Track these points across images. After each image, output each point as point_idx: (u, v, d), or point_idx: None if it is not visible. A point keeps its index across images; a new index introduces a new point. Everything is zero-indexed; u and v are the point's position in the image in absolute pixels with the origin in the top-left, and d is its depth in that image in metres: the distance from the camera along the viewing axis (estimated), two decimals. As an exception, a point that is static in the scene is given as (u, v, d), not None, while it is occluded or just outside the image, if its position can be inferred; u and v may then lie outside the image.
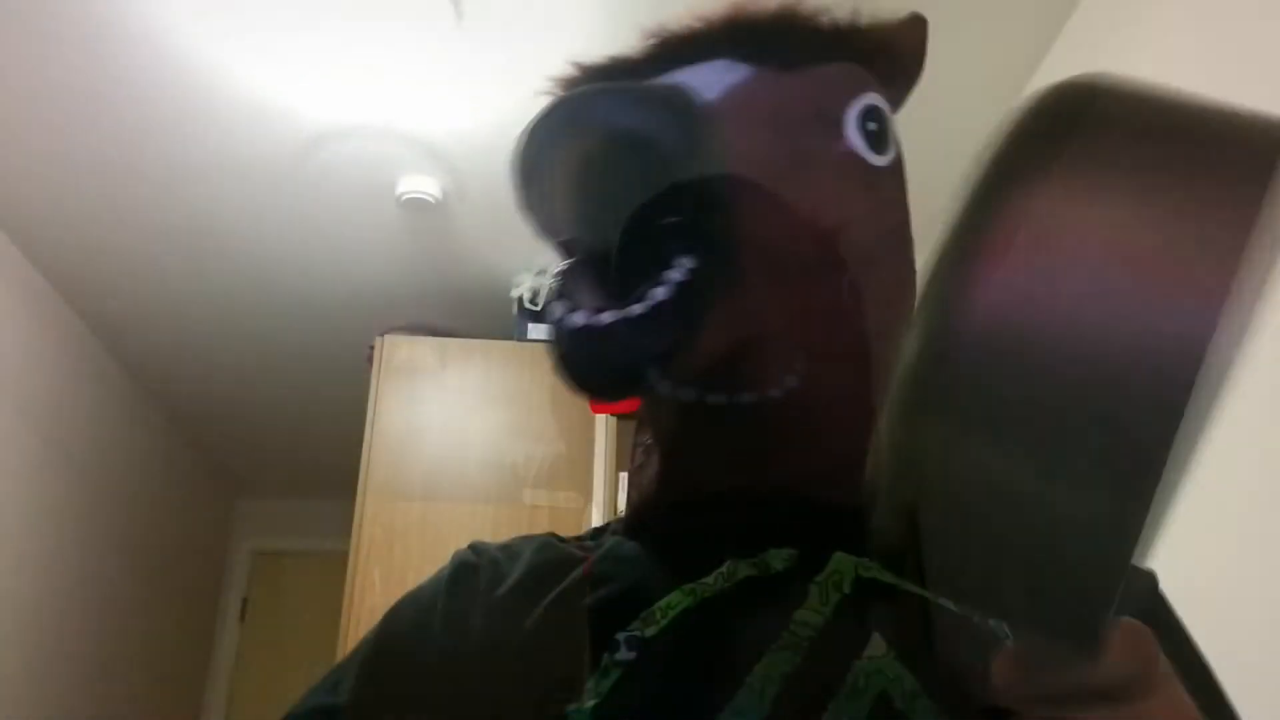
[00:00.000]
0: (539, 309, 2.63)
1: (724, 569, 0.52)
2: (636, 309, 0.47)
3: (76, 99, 2.12)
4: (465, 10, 1.89)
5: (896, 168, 0.59)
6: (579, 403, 2.43)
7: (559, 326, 0.48)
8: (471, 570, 0.58)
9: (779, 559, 0.52)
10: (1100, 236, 0.27)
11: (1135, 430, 0.26)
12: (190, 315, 2.99)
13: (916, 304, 0.30)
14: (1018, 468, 0.28)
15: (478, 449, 2.43)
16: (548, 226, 0.52)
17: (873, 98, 0.57)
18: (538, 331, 2.63)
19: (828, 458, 0.53)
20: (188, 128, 2.20)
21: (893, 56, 0.60)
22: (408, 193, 2.39)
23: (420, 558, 2.27)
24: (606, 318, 0.47)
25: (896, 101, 0.63)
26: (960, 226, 0.29)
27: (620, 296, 0.48)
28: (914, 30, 0.61)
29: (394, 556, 2.28)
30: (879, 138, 0.57)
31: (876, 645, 0.48)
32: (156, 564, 3.66)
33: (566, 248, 0.51)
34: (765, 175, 0.52)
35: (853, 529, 0.54)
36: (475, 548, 0.60)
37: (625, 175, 0.53)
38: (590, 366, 0.48)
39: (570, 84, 0.60)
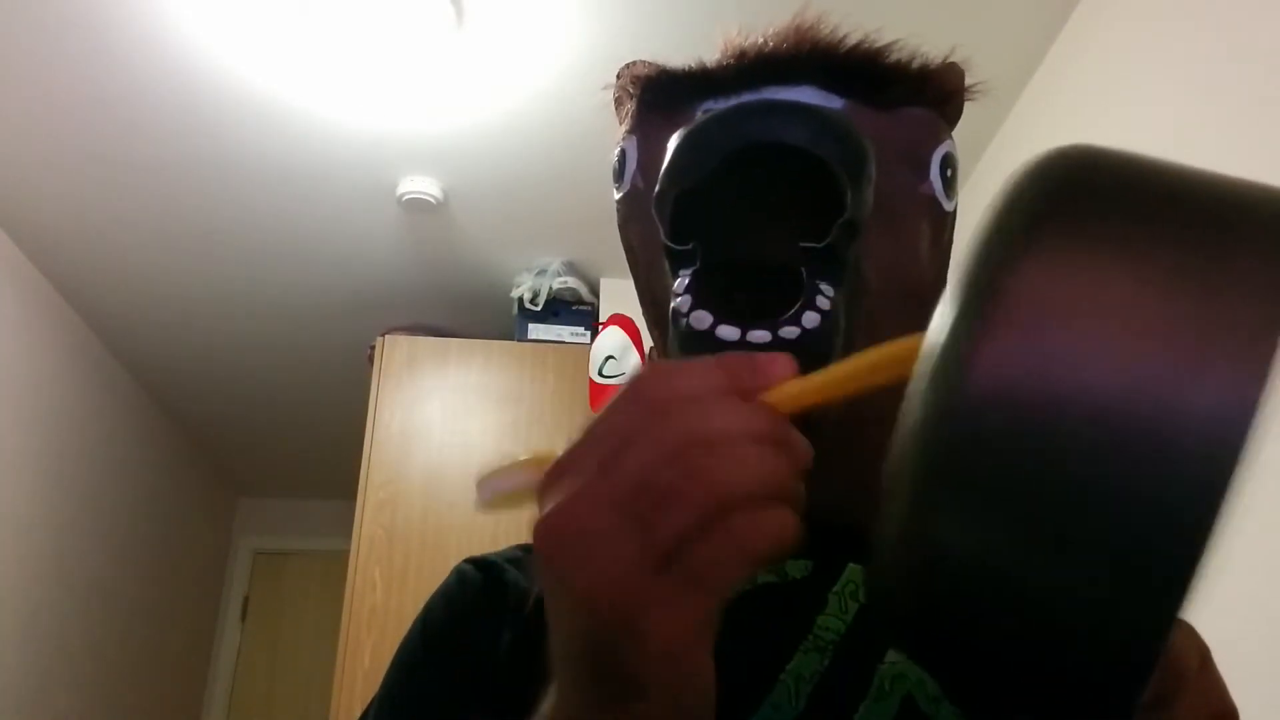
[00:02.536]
0: (539, 309, 2.63)
1: None
2: (791, 332, 0.48)
3: (78, 99, 2.12)
4: (465, 10, 1.89)
5: (955, 218, 0.61)
6: (579, 403, 2.43)
7: (703, 336, 0.49)
8: (484, 589, 0.58)
9: (796, 568, 0.53)
10: (1108, 306, 0.26)
11: (1173, 512, 0.24)
12: (191, 315, 3.00)
13: (919, 367, 0.29)
14: (1024, 548, 0.26)
15: (478, 449, 2.44)
16: (676, 230, 0.51)
17: (950, 144, 0.58)
18: (538, 331, 2.63)
19: (858, 481, 0.54)
20: (189, 128, 2.21)
21: (957, 105, 0.62)
22: (408, 193, 2.39)
23: (420, 558, 2.27)
24: (761, 336, 0.48)
25: None
26: (963, 291, 0.28)
27: (755, 313, 0.49)
28: (960, 79, 0.62)
29: (394, 556, 2.29)
30: (951, 185, 0.58)
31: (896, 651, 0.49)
32: (157, 564, 3.66)
33: (687, 255, 0.51)
34: (875, 209, 0.52)
35: (866, 544, 0.55)
36: (480, 565, 0.60)
37: (778, 192, 0.54)
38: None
39: (647, 80, 0.60)
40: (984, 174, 2.24)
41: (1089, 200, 0.28)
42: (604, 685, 0.33)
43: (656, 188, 0.52)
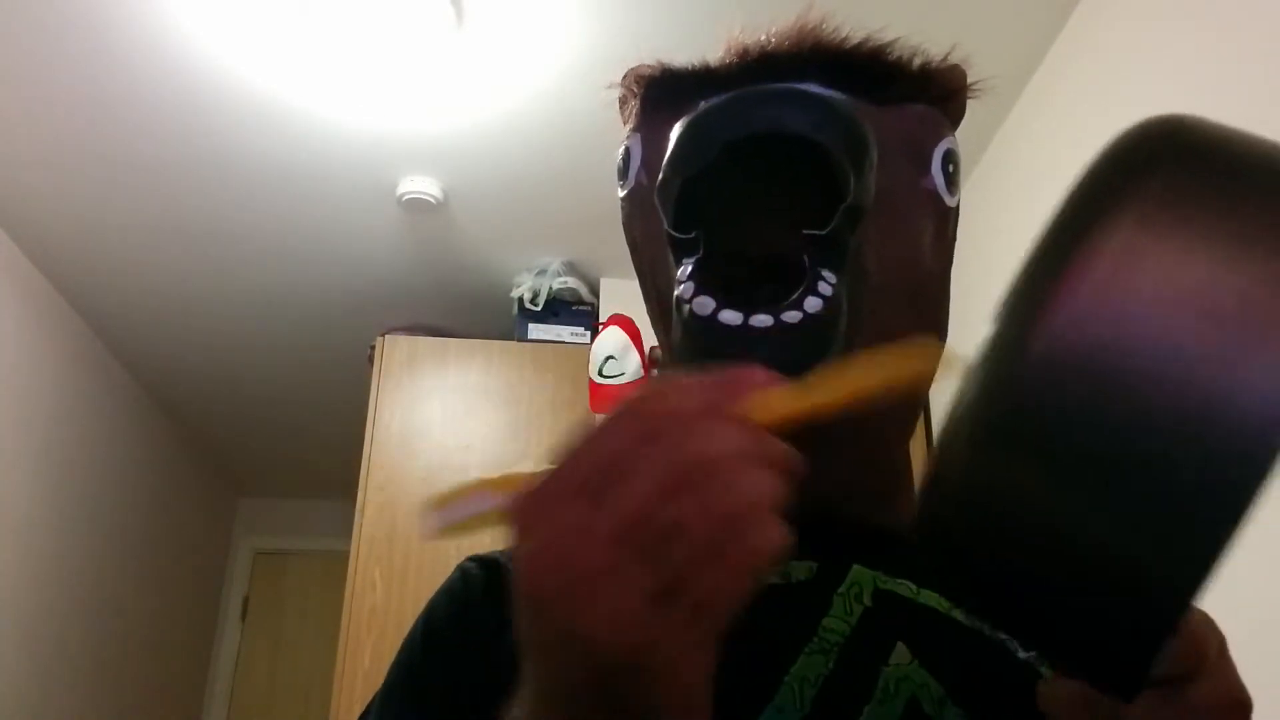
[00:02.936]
0: (539, 309, 2.63)
1: None
2: (793, 316, 0.48)
3: (78, 99, 2.12)
4: (465, 10, 1.89)
5: (957, 214, 0.61)
6: (579, 403, 2.43)
7: (706, 322, 0.49)
8: (487, 587, 0.57)
9: (800, 570, 0.53)
10: (1184, 275, 0.26)
11: (1219, 477, 0.25)
12: (191, 315, 2.99)
13: (989, 333, 0.29)
14: (1082, 505, 0.27)
15: (478, 449, 2.43)
16: (679, 220, 0.52)
17: (951, 141, 0.59)
18: (538, 331, 2.63)
19: (862, 476, 0.54)
20: (189, 128, 2.20)
21: (959, 104, 0.62)
22: (408, 193, 2.39)
23: (420, 558, 2.27)
24: (763, 321, 0.48)
25: None
26: (1037, 260, 0.28)
27: (758, 301, 0.49)
28: (963, 79, 0.62)
29: (394, 556, 2.28)
30: (953, 180, 0.58)
31: (901, 654, 0.49)
32: (157, 564, 3.66)
33: (692, 242, 0.51)
34: (877, 201, 0.52)
35: (871, 545, 0.55)
36: (483, 563, 0.60)
37: (781, 182, 0.54)
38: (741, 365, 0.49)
39: (650, 79, 0.60)
40: (985, 173, 2.24)
41: (1179, 168, 0.28)
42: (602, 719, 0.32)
43: (659, 176, 0.52)
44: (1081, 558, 0.27)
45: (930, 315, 0.58)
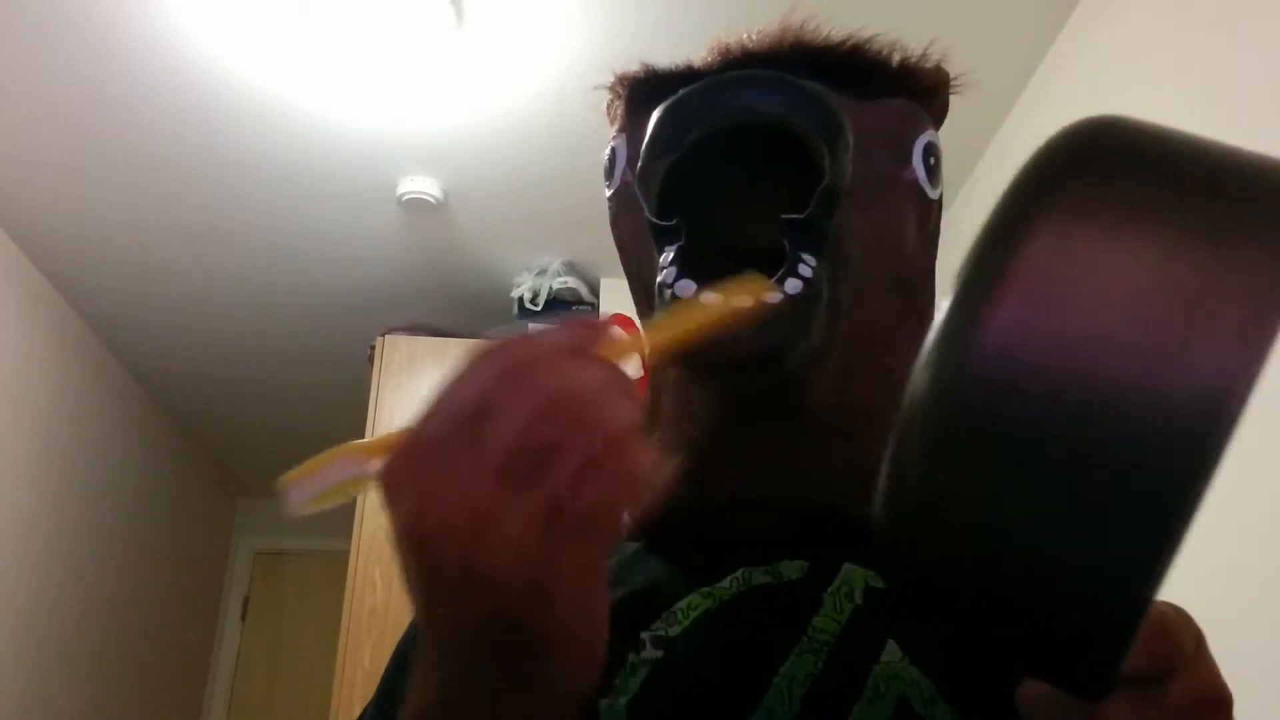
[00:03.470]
0: (539, 309, 2.63)
1: (738, 575, 0.52)
2: (773, 298, 0.48)
3: (78, 99, 2.12)
4: (465, 10, 1.89)
5: (940, 206, 0.61)
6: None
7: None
8: None
9: (791, 569, 0.53)
10: (1118, 274, 0.26)
11: (1161, 469, 0.25)
12: (191, 315, 2.99)
13: (931, 332, 0.29)
14: (1031, 506, 0.27)
15: (478, 449, 2.43)
16: (660, 206, 0.52)
17: (932, 134, 0.59)
18: (538, 331, 2.63)
19: (851, 469, 0.54)
20: (189, 128, 2.20)
21: (941, 100, 0.62)
22: (408, 193, 2.39)
23: (420, 558, 2.27)
24: (743, 302, 0.48)
25: None
26: (976, 260, 0.29)
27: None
28: (945, 76, 0.63)
29: (394, 556, 2.28)
30: (935, 173, 0.59)
31: (892, 651, 0.49)
32: (157, 564, 3.66)
33: (673, 230, 0.52)
34: (856, 190, 0.53)
35: (862, 543, 0.55)
36: None
37: (758, 163, 0.55)
38: (723, 347, 0.49)
39: (634, 80, 0.61)
40: (984, 174, 2.24)
41: (1105, 166, 0.29)
42: (506, 657, 0.33)
43: (638, 164, 0.53)
44: (1035, 558, 0.27)
45: (913, 303, 0.59)
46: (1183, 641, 0.35)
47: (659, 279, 0.51)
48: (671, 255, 0.51)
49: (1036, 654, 0.30)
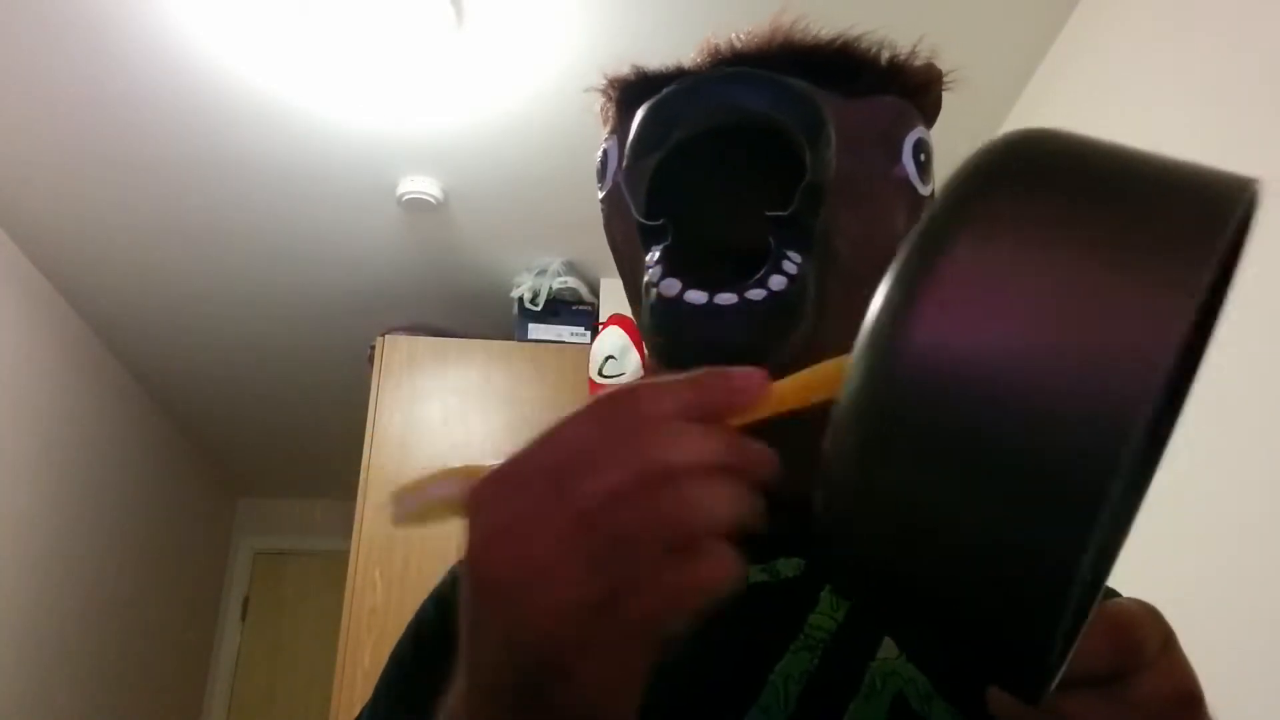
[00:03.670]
0: (539, 309, 2.63)
1: None
2: (757, 294, 0.48)
3: (78, 99, 2.12)
4: (465, 10, 1.89)
5: (931, 201, 0.61)
6: (579, 402, 2.43)
7: (672, 303, 0.49)
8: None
9: (789, 567, 0.53)
10: (1030, 283, 0.27)
11: (1078, 470, 0.26)
12: (190, 315, 2.99)
13: (859, 340, 0.30)
14: (955, 506, 0.27)
15: (478, 449, 2.43)
16: (648, 206, 0.53)
17: (922, 131, 0.59)
18: (538, 331, 2.63)
19: None
20: (189, 128, 2.20)
21: (933, 97, 0.63)
22: (408, 193, 2.39)
23: (420, 558, 2.27)
24: (727, 299, 0.48)
25: None
26: (900, 268, 0.30)
27: (720, 281, 0.49)
28: (936, 73, 0.63)
29: (394, 556, 2.28)
30: (925, 169, 0.59)
31: (888, 648, 0.49)
32: (157, 564, 3.66)
33: (659, 230, 0.52)
34: (845, 187, 0.53)
35: None
36: None
37: (744, 161, 0.55)
38: (707, 344, 0.49)
39: (626, 84, 0.61)
40: (984, 174, 2.24)
41: (1023, 180, 0.30)
42: (527, 701, 0.32)
43: (624, 163, 0.53)
44: (955, 553, 0.28)
45: None
46: (1144, 639, 0.35)
47: (646, 278, 0.51)
48: (658, 255, 0.51)
49: (968, 653, 0.31)
